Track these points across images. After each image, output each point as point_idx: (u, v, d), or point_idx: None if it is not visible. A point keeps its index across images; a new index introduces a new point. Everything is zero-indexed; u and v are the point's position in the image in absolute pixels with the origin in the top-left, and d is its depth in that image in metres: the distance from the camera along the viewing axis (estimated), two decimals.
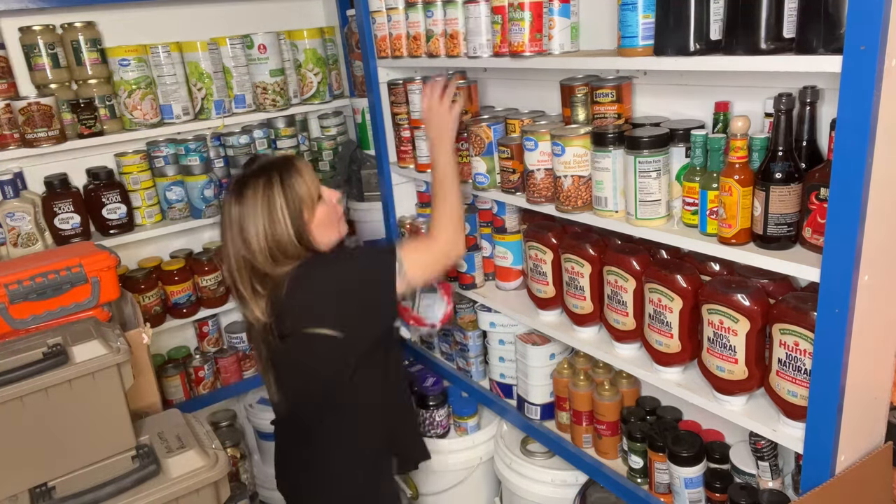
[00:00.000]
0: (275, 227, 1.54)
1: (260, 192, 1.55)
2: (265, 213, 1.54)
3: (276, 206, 1.54)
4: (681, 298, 1.47)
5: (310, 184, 1.59)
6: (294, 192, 1.56)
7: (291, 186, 1.56)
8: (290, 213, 1.55)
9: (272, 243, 1.54)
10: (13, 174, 2.28)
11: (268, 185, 1.55)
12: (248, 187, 1.56)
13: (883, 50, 1.02)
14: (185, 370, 2.57)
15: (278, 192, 1.55)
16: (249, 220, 1.54)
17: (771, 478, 1.49)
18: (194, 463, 1.54)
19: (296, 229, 1.56)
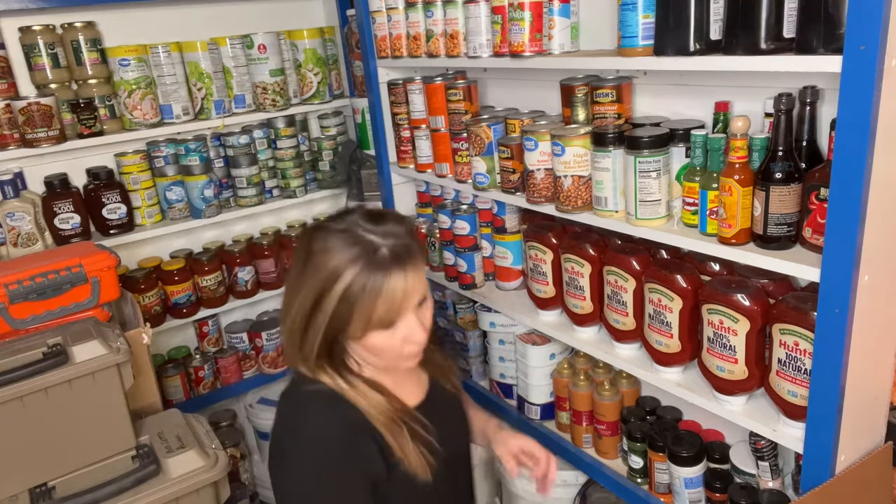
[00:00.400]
0: (309, 317, 1.16)
1: (330, 267, 1.12)
2: (313, 293, 1.14)
3: (326, 302, 1.12)
4: (681, 298, 1.47)
5: (388, 306, 1.12)
6: (351, 304, 1.11)
7: (358, 296, 1.11)
8: (330, 319, 1.14)
9: (297, 325, 1.18)
10: (13, 174, 2.28)
11: (337, 271, 1.11)
12: (332, 249, 1.13)
13: (883, 50, 1.02)
14: (185, 370, 2.57)
15: (340, 290, 1.11)
16: (299, 284, 1.17)
17: (771, 478, 1.49)
18: (194, 463, 1.54)
19: (320, 337, 1.16)
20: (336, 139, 2.84)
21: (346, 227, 1.16)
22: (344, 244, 1.13)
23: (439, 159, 2.10)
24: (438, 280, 2.30)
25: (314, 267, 1.14)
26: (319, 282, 1.13)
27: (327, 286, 1.12)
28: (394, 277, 1.12)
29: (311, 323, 1.16)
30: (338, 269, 1.12)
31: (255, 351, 2.72)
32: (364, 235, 1.14)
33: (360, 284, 1.11)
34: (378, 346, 1.18)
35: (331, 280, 1.12)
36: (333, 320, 1.14)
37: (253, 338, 2.71)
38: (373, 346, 1.18)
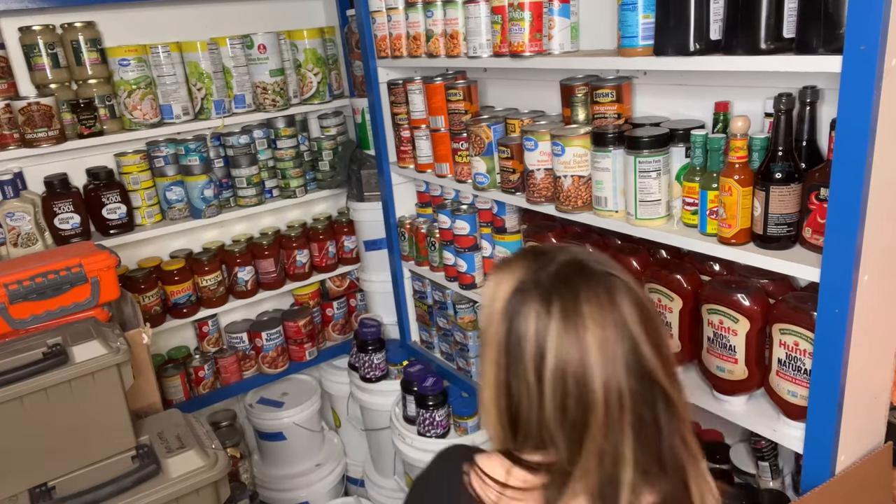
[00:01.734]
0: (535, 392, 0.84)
1: (633, 280, 0.88)
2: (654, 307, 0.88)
3: (546, 365, 0.83)
4: (681, 298, 1.47)
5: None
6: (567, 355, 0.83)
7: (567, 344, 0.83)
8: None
9: (672, 363, 0.86)
10: (13, 174, 2.28)
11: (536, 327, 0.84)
12: (613, 265, 0.88)
13: (883, 50, 1.02)
14: (185, 370, 2.57)
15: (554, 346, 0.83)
16: (650, 304, 0.87)
17: (771, 478, 1.49)
18: (194, 463, 1.54)
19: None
20: (336, 139, 2.84)
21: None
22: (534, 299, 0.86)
23: (439, 159, 2.10)
24: (438, 280, 2.30)
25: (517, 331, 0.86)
26: (530, 347, 0.85)
27: (539, 346, 0.84)
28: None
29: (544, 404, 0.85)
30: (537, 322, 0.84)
31: (255, 351, 2.72)
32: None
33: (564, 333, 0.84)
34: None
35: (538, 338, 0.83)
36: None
37: (253, 338, 2.71)
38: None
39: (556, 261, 0.87)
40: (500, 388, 0.87)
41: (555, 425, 0.81)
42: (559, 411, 0.80)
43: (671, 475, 0.79)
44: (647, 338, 0.81)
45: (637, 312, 0.81)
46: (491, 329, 0.88)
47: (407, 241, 2.42)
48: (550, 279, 0.84)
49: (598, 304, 0.80)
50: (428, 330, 2.52)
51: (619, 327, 0.80)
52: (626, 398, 0.78)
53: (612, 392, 0.78)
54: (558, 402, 0.80)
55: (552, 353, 0.81)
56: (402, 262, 2.50)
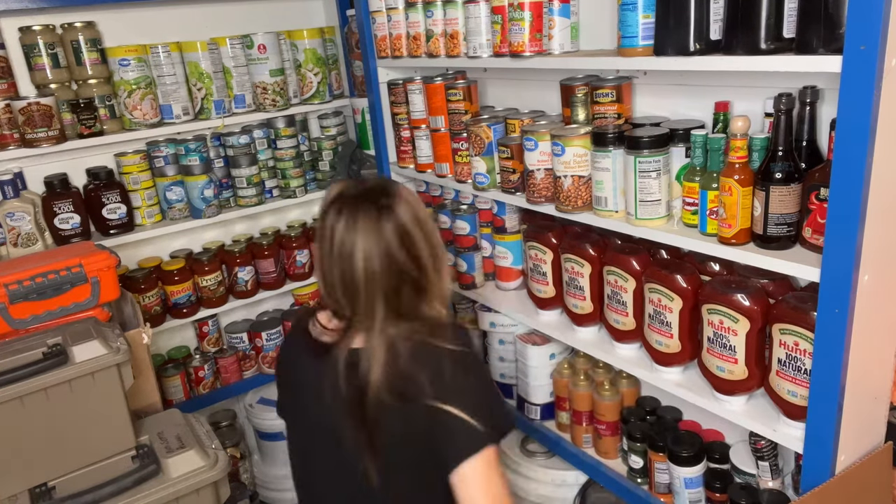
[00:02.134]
0: (435, 261, 1.26)
1: (411, 211, 1.23)
2: (427, 238, 1.25)
3: (437, 238, 1.28)
4: (681, 298, 1.47)
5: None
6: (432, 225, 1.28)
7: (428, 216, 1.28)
8: (439, 247, 1.28)
9: (437, 260, 1.26)
10: (13, 174, 2.28)
11: (415, 209, 1.25)
12: (397, 198, 1.23)
13: (883, 50, 1.02)
14: (185, 370, 2.57)
15: (426, 217, 1.27)
16: (414, 226, 1.22)
17: (771, 478, 1.49)
18: (194, 463, 1.54)
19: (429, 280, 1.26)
20: (336, 139, 2.84)
21: (375, 191, 1.26)
22: (402, 196, 1.26)
23: (439, 159, 2.10)
24: None
25: (416, 220, 1.26)
26: (429, 226, 1.28)
27: (432, 226, 1.29)
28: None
29: (436, 269, 1.29)
30: (414, 207, 1.26)
31: (255, 351, 2.72)
32: (385, 186, 1.30)
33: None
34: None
35: (420, 216, 1.26)
36: (436, 251, 1.29)
37: (253, 338, 2.71)
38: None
39: (363, 186, 1.26)
40: (319, 265, 1.28)
41: (341, 292, 1.24)
42: (341, 283, 1.23)
43: (408, 322, 1.23)
44: (402, 248, 1.21)
45: (397, 234, 1.21)
46: (317, 224, 1.30)
47: None
48: (351, 196, 1.23)
49: (368, 220, 1.20)
50: None
51: (378, 238, 1.20)
52: (378, 281, 1.20)
53: (368, 276, 1.20)
54: (339, 277, 1.22)
55: (337, 243, 1.21)
56: None
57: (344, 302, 1.25)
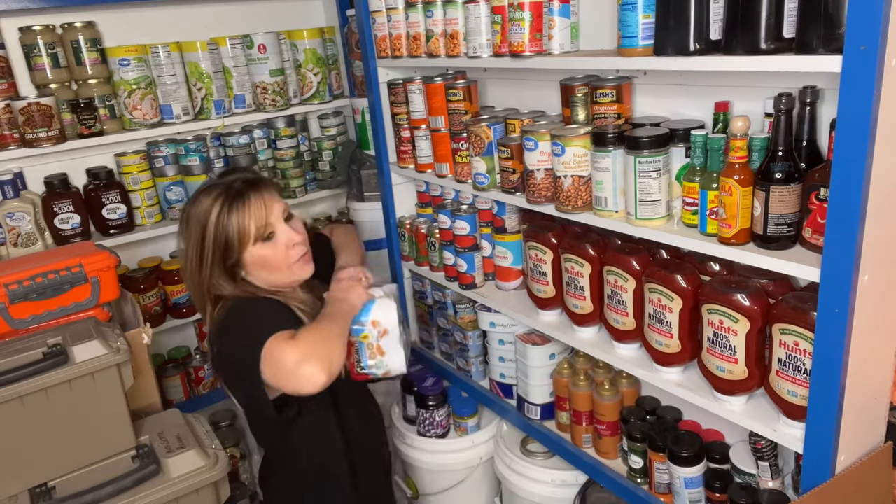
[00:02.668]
0: (202, 255, 1.49)
1: (201, 212, 1.49)
2: (197, 236, 1.49)
3: (208, 233, 1.48)
4: (681, 298, 1.47)
5: (256, 218, 1.48)
6: (226, 225, 1.47)
7: (228, 219, 1.47)
8: (214, 245, 1.48)
9: (195, 269, 1.51)
10: (13, 174, 2.28)
11: (207, 211, 1.48)
12: (199, 202, 1.50)
13: (883, 50, 1.02)
14: (185, 370, 2.57)
15: (214, 220, 1.47)
16: (186, 237, 1.52)
17: (771, 478, 1.49)
18: (194, 463, 1.54)
19: (223, 264, 1.50)
20: (336, 139, 2.84)
21: (207, 185, 1.53)
22: (208, 194, 1.49)
23: (439, 159, 2.10)
24: (438, 280, 2.30)
25: (193, 221, 1.50)
26: (199, 226, 1.48)
27: (205, 224, 1.47)
28: (253, 198, 1.48)
29: (203, 262, 1.49)
30: (207, 209, 1.47)
31: None
32: (221, 181, 1.53)
33: (227, 210, 1.46)
34: (267, 256, 1.51)
35: (204, 218, 1.47)
36: (218, 249, 1.48)
37: None
38: (264, 258, 1.51)
39: (230, 179, 1.52)
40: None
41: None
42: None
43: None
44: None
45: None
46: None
47: (407, 241, 2.42)
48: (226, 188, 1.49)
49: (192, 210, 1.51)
50: (428, 330, 2.52)
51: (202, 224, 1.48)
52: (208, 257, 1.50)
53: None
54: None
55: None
56: (402, 262, 2.50)
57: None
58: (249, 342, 1.40)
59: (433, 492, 2.40)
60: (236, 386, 1.56)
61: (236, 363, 1.48)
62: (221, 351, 1.51)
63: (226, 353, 1.50)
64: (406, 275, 2.53)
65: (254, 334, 1.41)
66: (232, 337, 1.49)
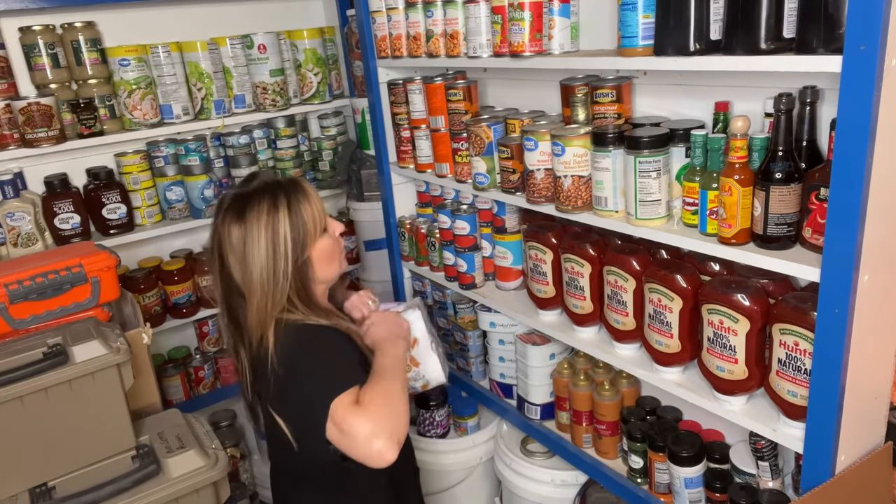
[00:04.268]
0: (276, 260, 1.37)
1: (265, 215, 1.37)
2: (269, 240, 1.37)
3: (281, 233, 1.37)
4: (681, 298, 1.47)
5: (317, 212, 1.43)
6: (300, 219, 1.39)
7: (299, 212, 1.39)
8: (293, 243, 1.39)
9: (268, 276, 1.37)
10: (13, 174, 2.28)
11: (273, 209, 1.38)
12: (252, 207, 1.38)
13: (883, 50, 1.02)
14: (185, 370, 2.57)
15: (284, 217, 1.38)
16: (252, 246, 1.37)
17: (771, 478, 1.49)
18: (194, 463, 1.53)
19: (295, 263, 1.40)
20: (336, 139, 2.84)
21: (246, 192, 1.42)
22: (259, 202, 1.39)
23: (439, 159, 2.10)
24: (438, 280, 2.30)
25: (255, 233, 1.38)
26: (269, 234, 1.38)
27: (275, 227, 1.38)
28: (308, 189, 1.45)
29: (276, 270, 1.38)
30: (273, 211, 1.38)
31: None
32: (253, 186, 1.43)
33: (296, 206, 1.40)
34: (328, 247, 1.46)
35: (274, 223, 1.38)
36: (296, 246, 1.40)
37: None
38: (327, 250, 1.46)
39: (267, 181, 1.44)
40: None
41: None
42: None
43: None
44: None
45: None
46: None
47: (407, 241, 2.43)
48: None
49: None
50: None
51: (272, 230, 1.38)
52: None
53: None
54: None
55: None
56: (402, 262, 2.50)
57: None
58: (320, 392, 1.33)
59: (433, 492, 2.40)
60: (292, 421, 1.41)
61: (303, 402, 1.37)
62: (283, 381, 1.37)
63: (290, 387, 1.38)
64: (406, 275, 2.53)
65: (325, 381, 1.34)
66: (303, 372, 1.37)
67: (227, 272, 1.42)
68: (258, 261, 1.37)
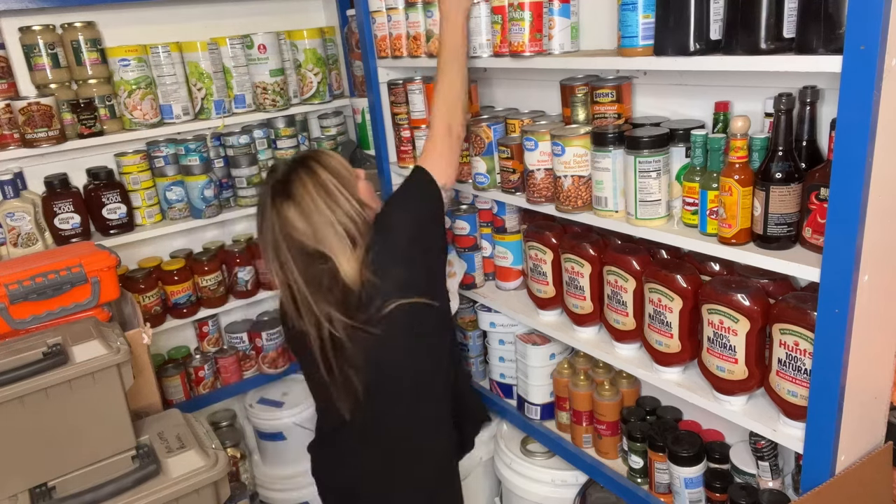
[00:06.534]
0: (340, 208, 1.50)
1: (310, 184, 1.50)
2: (324, 197, 1.49)
3: (331, 187, 1.51)
4: (681, 298, 1.47)
5: (344, 163, 1.61)
6: (338, 172, 1.55)
7: (333, 168, 1.55)
8: (345, 188, 1.53)
9: (347, 226, 1.50)
10: (13, 174, 2.28)
11: (312, 173, 1.52)
12: (294, 184, 1.51)
13: (883, 50, 1.02)
14: (185, 370, 2.57)
15: (326, 175, 1.52)
16: (315, 212, 1.49)
17: (771, 478, 1.49)
18: (194, 463, 1.54)
19: (357, 204, 1.53)
20: (336, 139, 2.84)
21: (283, 176, 1.55)
22: (294, 171, 1.54)
23: None
24: None
25: (305, 187, 1.51)
26: (317, 185, 1.51)
27: (322, 178, 1.52)
28: (331, 155, 1.62)
29: (338, 195, 1.52)
30: (319, 178, 1.52)
31: (255, 351, 2.72)
32: (281, 165, 1.60)
33: (327, 157, 1.59)
34: (366, 187, 1.63)
35: (315, 176, 1.52)
36: (348, 185, 1.56)
37: (253, 338, 2.71)
38: (367, 189, 1.63)
39: (293, 157, 1.62)
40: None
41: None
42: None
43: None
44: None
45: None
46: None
47: None
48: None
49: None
50: None
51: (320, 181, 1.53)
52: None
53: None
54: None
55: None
56: None
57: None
58: (430, 211, 1.63)
59: None
60: (414, 315, 1.54)
61: (423, 271, 1.60)
62: (403, 278, 1.54)
63: (410, 273, 1.56)
64: None
65: (428, 203, 1.63)
66: (413, 239, 1.58)
67: (298, 247, 1.51)
68: (327, 217, 1.49)
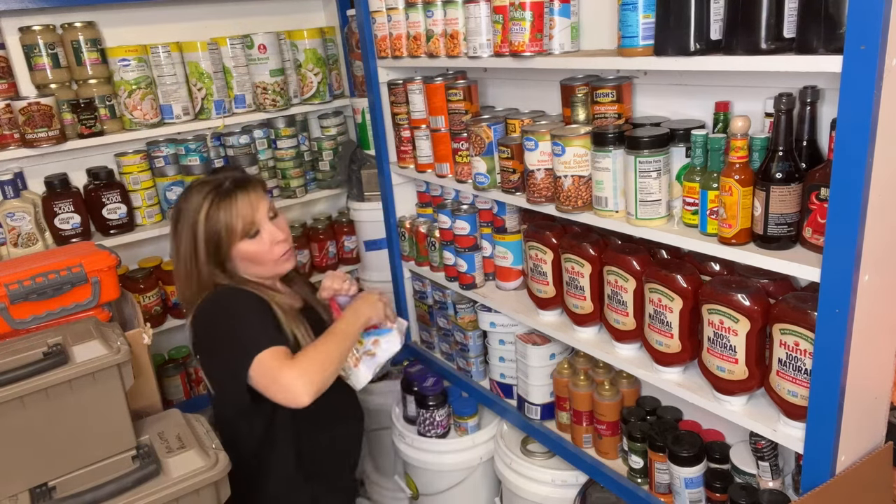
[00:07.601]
0: (194, 249, 1.60)
1: (190, 210, 1.60)
2: (188, 233, 1.60)
3: (198, 231, 1.59)
4: (681, 298, 1.47)
5: (242, 217, 1.59)
6: (215, 223, 1.59)
7: (216, 216, 1.58)
8: (205, 241, 1.59)
9: (189, 260, 1.61)
10: (13, 174, 2.28)
11: (197, 209, 1.59)
12: (189, 199, 1.61)
13: (883, 50, 1.02)
14: (185, 370, 2.57)
15: (203, 218, 1.58)
16: (179, 233, 1.62)
17: (771, 478, 1.49)
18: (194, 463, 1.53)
19: (207, 258, 1.60)
20: (336, 139, 2.84)
21: (198, 182, 1.65)
22: (199, 191, 1.60)
23: (439, 159, 2.10)
24: (438, 280, 2.30)
25: (184, 216, 1.60)
26: (190, 223, 1.59)
27: (195, 221, 1.58)
28: (240, 197, 1.59)
29: (197, 256, 1.60)
30: (197, 207, 1.58)
31: None
32: (211, 179, 1.64)
33: (216, 209, 1.57)
34: (253, 252, 1.62)
35: (194, 216, 1.58)
36: (210, 244, 1.59)
37: None
38: (250, 254, 1.62)
39: (220, 178, 1.64)
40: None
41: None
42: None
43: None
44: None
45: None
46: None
47: (407, 241, 2.43)
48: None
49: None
50: (428, 330, 2.52)
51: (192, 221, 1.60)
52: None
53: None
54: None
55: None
56: (402, 262, 2.50)
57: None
58: (241, 347, 1.52)
59: (433, 492, 2.40)
60: (213, 372, 1.66)
61: (221, 354, 1.58)
62: (202, 338, 1.63)
63: (205, 342, 1.63)
64: (406, 275, 2.53)
65: (245, 335, 1.53)
66: (216, 327, 1.59)
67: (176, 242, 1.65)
68: (181, 247, 1.62)
